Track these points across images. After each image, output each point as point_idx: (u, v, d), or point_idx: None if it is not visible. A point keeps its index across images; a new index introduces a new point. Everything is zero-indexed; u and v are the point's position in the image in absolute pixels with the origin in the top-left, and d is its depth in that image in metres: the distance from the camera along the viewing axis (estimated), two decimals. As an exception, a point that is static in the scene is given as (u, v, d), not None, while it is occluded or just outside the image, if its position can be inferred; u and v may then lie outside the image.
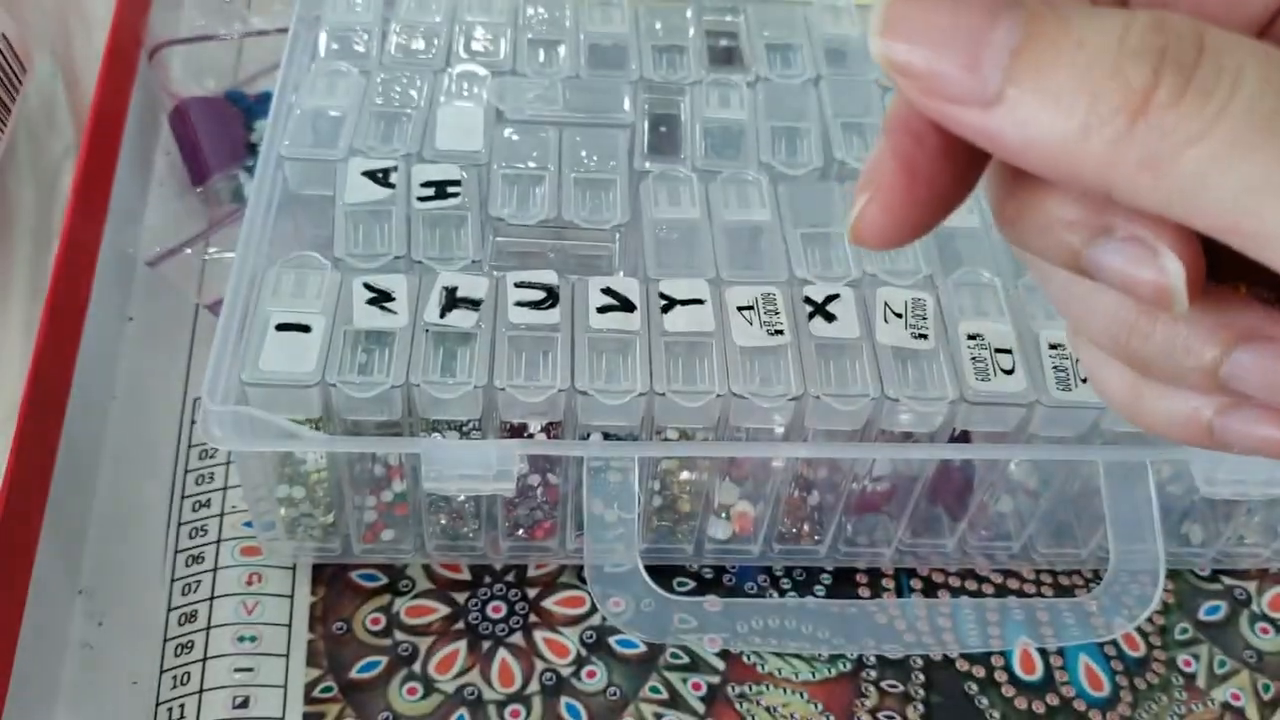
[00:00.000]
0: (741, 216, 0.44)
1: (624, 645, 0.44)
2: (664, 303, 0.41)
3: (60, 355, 0.47)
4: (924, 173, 0.20)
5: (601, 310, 0.40)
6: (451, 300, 0.40)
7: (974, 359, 0.41)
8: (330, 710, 0.42)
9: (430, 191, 0.44)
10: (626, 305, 0.41)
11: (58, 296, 0.46)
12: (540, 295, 0.41)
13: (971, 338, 0.41)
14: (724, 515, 0.45)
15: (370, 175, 0.44)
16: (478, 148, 0.46)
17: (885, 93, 0.50)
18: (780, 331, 0.40)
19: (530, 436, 0.41)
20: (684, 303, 0.41)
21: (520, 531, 0.45)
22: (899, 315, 0.41)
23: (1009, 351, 0.41)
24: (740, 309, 0.41)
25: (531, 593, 0.46)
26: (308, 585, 0.45)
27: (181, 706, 0.42)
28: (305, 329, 0.39)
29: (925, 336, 0.41)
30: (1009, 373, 0.40)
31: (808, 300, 0.42)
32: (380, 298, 0.40)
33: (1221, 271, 0.19)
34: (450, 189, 0.44)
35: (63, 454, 0.46)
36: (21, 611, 0.41)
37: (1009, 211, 0.20)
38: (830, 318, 0.41)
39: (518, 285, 0.41)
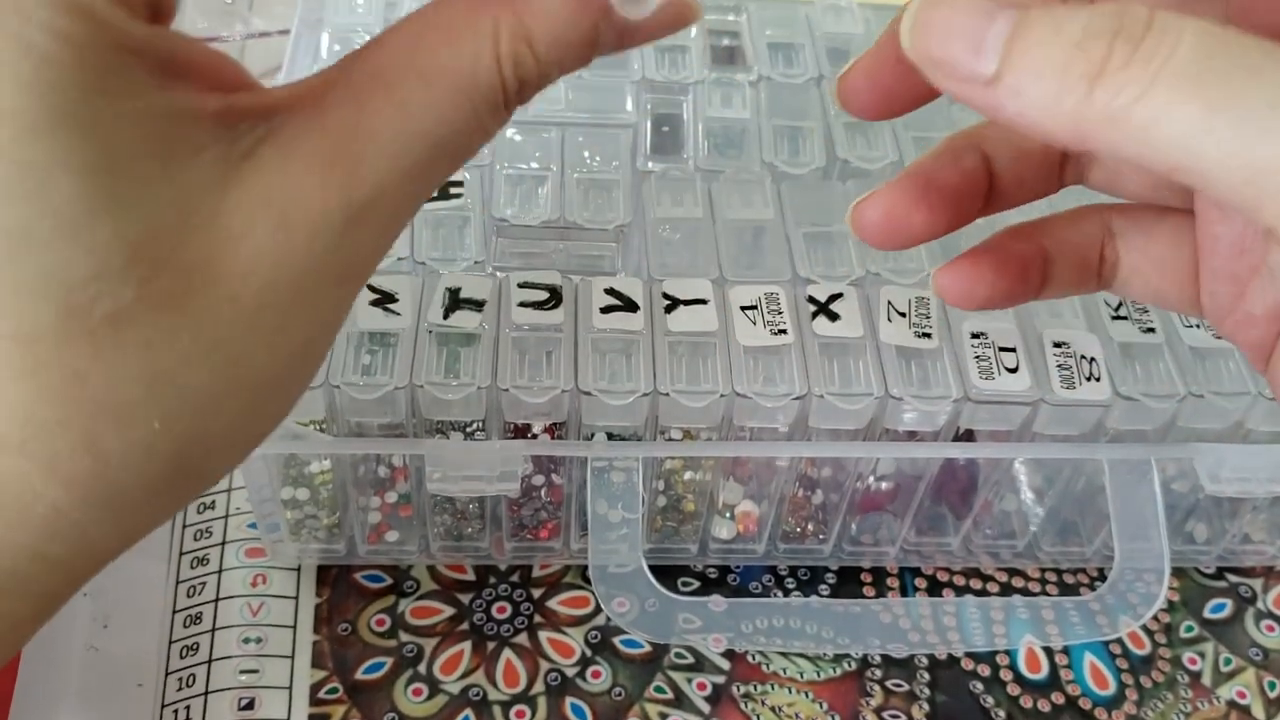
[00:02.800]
0: (744, 216, 0.44)
1: (629, 645, 0.45)
2: (667, 303, 0.41)
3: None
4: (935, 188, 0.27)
5: (605, 310, 0.40)
6: (455, 301, 0.40)
7: (977, 357, 0.41)
8: (335, 712, 0.42)
9: (434, 193, 0.44)
10: (630, 305, 0.41)
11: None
12: (543, 296, 0.41)
13: (975, 336, 0.41)
14: (728, 515, 0.45)
15: (373, 176, 0.44)
16: (481, 150, 0.46)
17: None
18: (784, 331, 0.40)
19: (534, 437, 0.41)
20: (687, 303, 0.41)
21: (524, 532, 0.45)
22: (902, 314, 0.41)
23: (1013, 350, 0.41)
24: (743, 308, 0.41)
25: (536, 593, 0.46)
26: (312, 587, 0.45)
27: (187, 708, 0.42)
28: (309, 330, 0.39)
29: (929, 335, 0.41)
30: (1013, 371, 0.40)
31: (811, 299, 0.42)
32: (384, 299, 0.40)
33: None
34: (453, 190, 0.44)
35: (67, 456, 0.45)
36: (27, 614, 0.41)
37: None
38: (834, 317, 0.41)
39: (521, 286, 0.41)
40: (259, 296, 0.21)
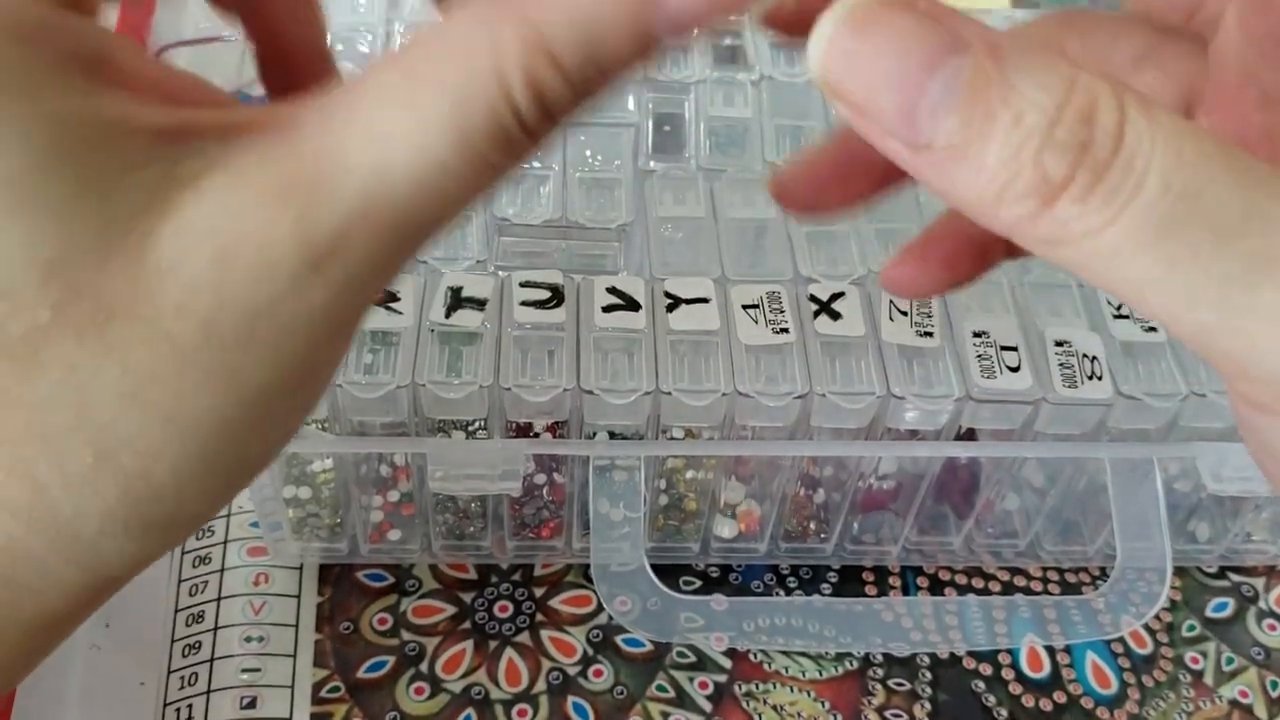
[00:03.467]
0: (746, 215, 0.44)
1: (631, 644, 0.45)
2: (669, 302, 0.41)
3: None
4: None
5: (607, 309, 0.40)
6: (457, 300, 0.40)
7: (979, 356, 0.41)
8: (338, 710, 0.42)
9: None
10: (632, 304, 0.41)
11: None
12: (545, 295, 0.41)
13: (977, 335, 0.41)
14: (730, 514, 0.45)
15: (375, 176, 0.44)
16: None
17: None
18: (785, 330, 0.40)
19: (536, 436, 0.41)
20: (689, 301, 0.41)
21: (526, 531, 0.45)
22: (904, 313, 0.41)
23: (1014, 349, 0.41)
24: (745, 307, 0.41)
25: (538, 592, 0.46)
26: (314, 585, 0.45)
27: (189, 707, 0.42)
28: (311, 329, 0.39)
29: (930, 334, 0.41)
30: (1014, 370, 0.40)
31: (813, 298, 0.41)
32: (386, 298, 0.40)
33: None
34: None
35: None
36: (29, 613, 0.41)
37: None
38: (835, 316, 0.41)
39: (523, 285, 0.41)
40: (197, 335, 0.18)
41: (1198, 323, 0.18)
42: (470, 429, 0.40)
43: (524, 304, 0.40)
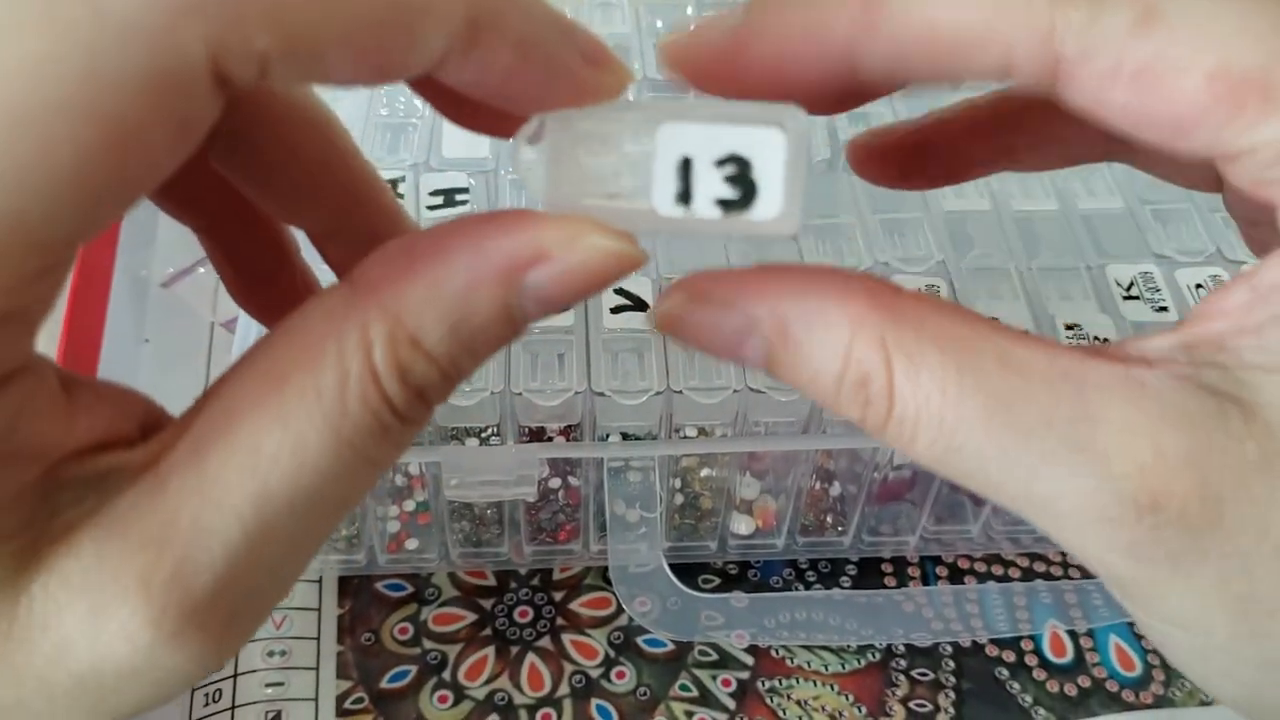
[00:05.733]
0: (751, 211, 0.44)
1: (652, 645, 0.44)
2: (677, 300, 0.41)
3: (79, 380, 0.47)
4: None
5: (615, 310, 0.40)
6: (465, 307, 0.40)
7: (990, 343, 0.40)
8: (362, 721, 0.42)
9: (439, 200, 0.44)
10: (640, 304, 0.41)
11: (74, 320, 0.47)
12: (553, 298, 0.41)
13: (987, 322, 0.41)
14: (746, 510, 0.45)
15: (378, 186, 0.44)
16: (485, 155, 0.46)
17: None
18: (794, 324, 0.40)
19: (549, 440, 0.41)
20: (697, 299, 0.41)
21: (543, 535, 0.45)
22: (913, 302, 0.41)
23: (1024, 333, 0.41)
24: (753, 303, 0.41)
25: (557, 596, 0.46)
26: (334, 597, 0.45)
27: (214, 723, 0.42)
28: (321, 342, 0.40)
29: (940, 323, 0.41)
30: (1026, 355, 0.40)
31: (821, 291, 0.41)
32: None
33: None
34: (459, 197, 0.44)
35: (86, 477, 0.46)
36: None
37: None
38: (844, 308, 0.41)
39: (530, 289, 0.41)
40: (69, 681, 0.18)
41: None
42: (483, 436, 0.41)
43: (532, 309, 0.40)
